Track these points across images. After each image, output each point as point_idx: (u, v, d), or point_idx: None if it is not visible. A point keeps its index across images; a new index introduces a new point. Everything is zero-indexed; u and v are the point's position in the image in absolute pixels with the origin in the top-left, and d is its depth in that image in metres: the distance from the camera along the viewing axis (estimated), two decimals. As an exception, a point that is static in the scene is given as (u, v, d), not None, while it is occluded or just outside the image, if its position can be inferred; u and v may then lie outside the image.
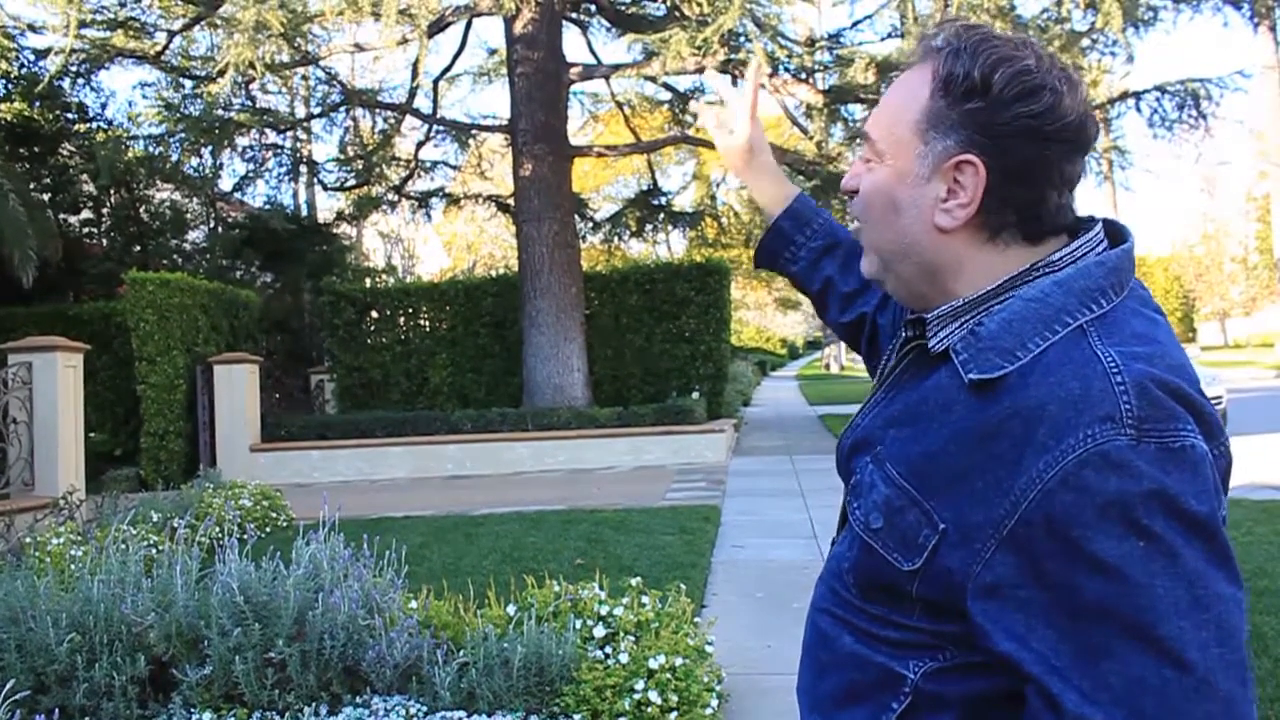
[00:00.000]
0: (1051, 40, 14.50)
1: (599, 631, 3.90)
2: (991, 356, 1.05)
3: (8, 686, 3.13)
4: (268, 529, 8.69)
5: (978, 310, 1.11)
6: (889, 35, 18.65)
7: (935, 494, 1.05)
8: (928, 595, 1.07)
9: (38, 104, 18.65)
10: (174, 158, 17.47)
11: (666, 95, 20.82)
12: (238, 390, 14.44)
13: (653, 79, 18.38)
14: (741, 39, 14.88)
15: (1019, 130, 1.07)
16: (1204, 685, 0.91)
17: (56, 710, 3.25)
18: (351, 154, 20.46)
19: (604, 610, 4.03)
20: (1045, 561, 0.96)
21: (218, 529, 6.23)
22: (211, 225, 22.27)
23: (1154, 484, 0.93)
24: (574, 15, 18.11)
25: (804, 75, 16.52)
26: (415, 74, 17.87)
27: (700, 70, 16.10)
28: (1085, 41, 15.39)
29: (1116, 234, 1.15)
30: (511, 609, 4.02)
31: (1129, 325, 1.05)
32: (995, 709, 1.04)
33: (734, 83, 1.87)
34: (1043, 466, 0.96)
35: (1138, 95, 16.49)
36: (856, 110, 18.12)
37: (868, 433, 1.20)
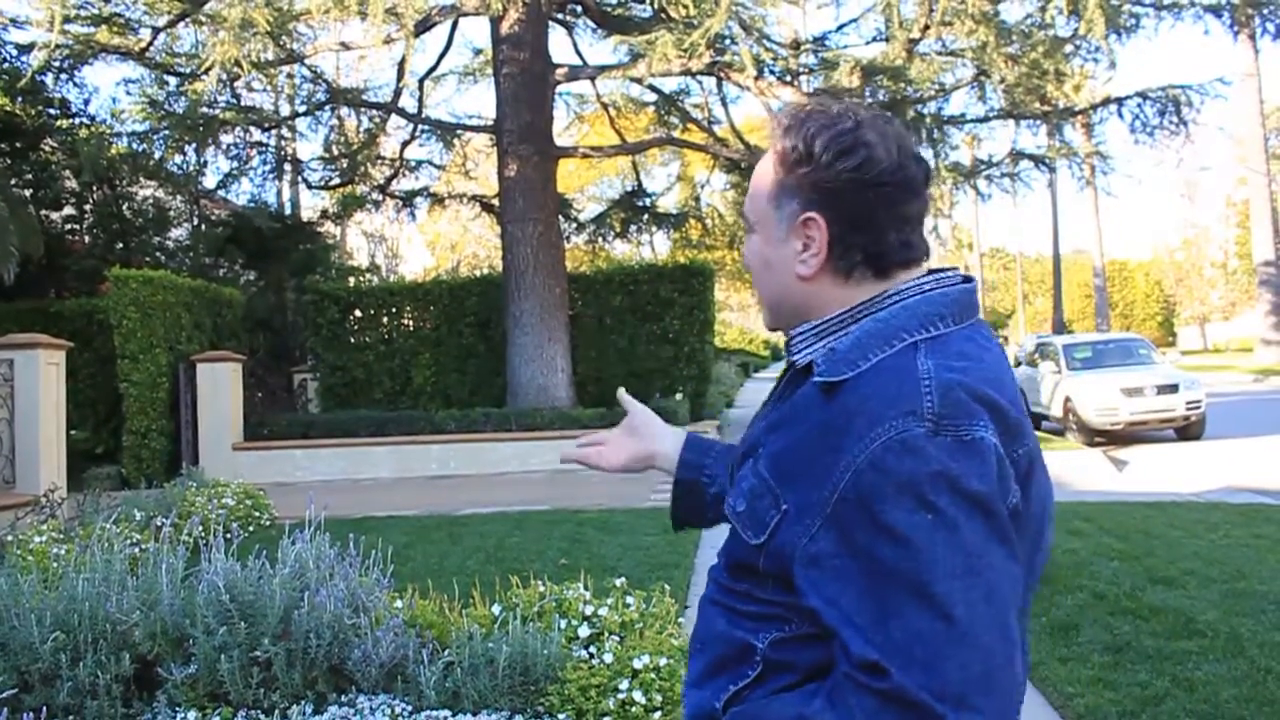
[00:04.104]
0: (1035, 46, 14.60)
1: (583, 631, 3.92)
2: (840, 366, 1.25)
3: (-5, 684, 3.13)
4: (251, 528, 8.66)
5: (836, 331, 1.32)
6: (874, 39, 18.70)
7: (786, 481, 1.26)
8: (770, 569, 1.28)
9: (20, 99, 18.50)
10: (157, 155, 17.39)
11: (652, 97, 20.84)
12: (221, 389, 14.40)
13: (638, 80, 18.40)
14: (727, 41, 14.93)
15: (844, 184, 1.29)
16: (966, 637, 1.11)
17: (43, 709, 3.25)
18: (336, 153, 20.40)
19: (588, 610, 4.05)
20: (854, 532, 1.17)
21: (201, 528, 6.22)
22: (195, 223, 22.17)
23: (940, 466, 1.14)
24: (560, 16, 18.11)
25: (789, 78, 16.57)
26: (401, 73, 17.87)
27: (686, 72, 16.16)
28: (1069, 48, 15.49)
29: (966, 281, 1.35)
30: (496, 609, 4.03)
31: (957, 346, 1.25)
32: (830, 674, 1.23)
33: (719, 85, 2.14)
34: (856, 451, 1.17)
35: (1120, 101, 16.61)
36: (841, 113, 18.16)
37: (754, 439, 1.39)
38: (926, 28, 15.06)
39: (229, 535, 4.05)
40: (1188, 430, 15.90)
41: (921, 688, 1.10)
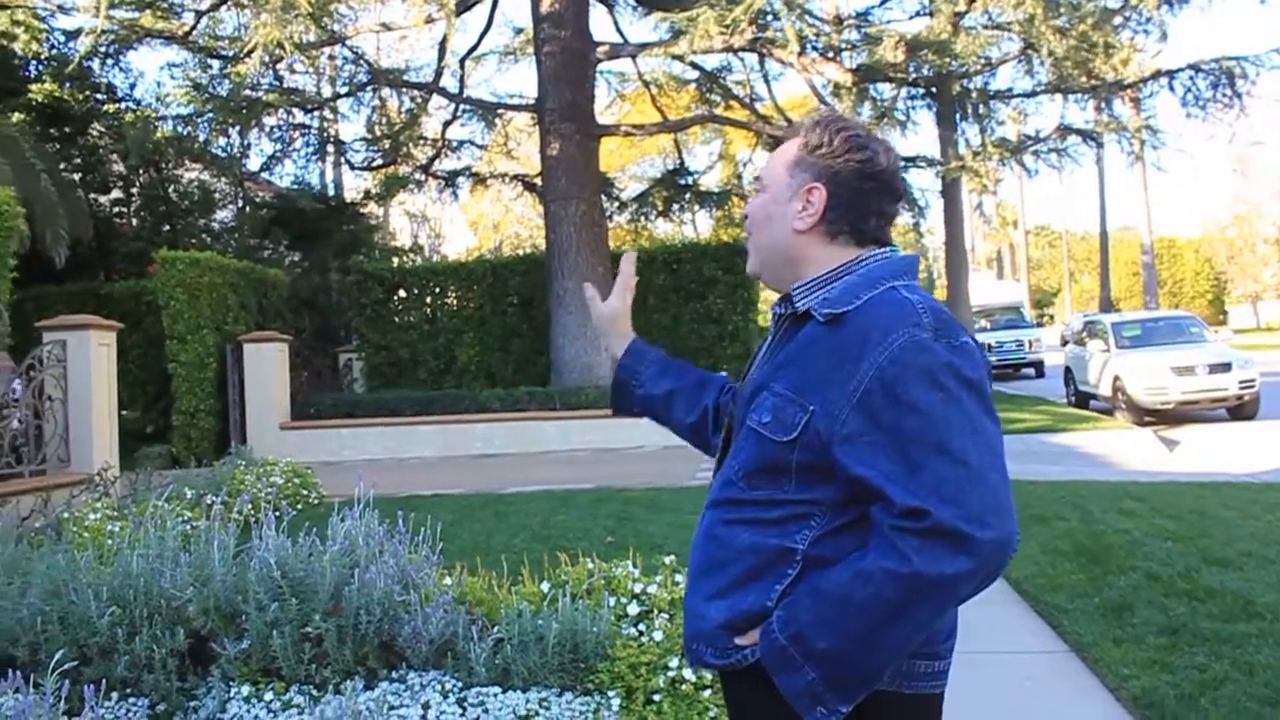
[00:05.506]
0: (1084, 18, 14.33)
1: (633, 609, 3.90)
2: (839, 304, 1.66)
3: (56, 657, 3.16)
4: (299, 506, 8.74)
5: (826, 284, 1.73)
6: (918, 13, 18.49)
7: (806, 392, 1.63)
8: (803, 459, 1.63)
9: (68, 85, 18.73)
10: (202, 138, 17.56)
11: (694, 74, 20.72)
12: (267, 368, 14.54)
13: (680, 58, 18.29)
14: (769, 17, 14.79)
15: (848, 170, 1.75)
16: (979, 476, 1.52)
17: (102, 681, 3.29)
18: (378, 133, 20.47)
19: (638, 588, 4.03)
20: (881, 413, 1.55)
21: (251, 506, 6.28)
22: (240, 205, 22.34)
23: (946, 359, 1.56)
24: (601, -7, 18.03)
25: (831, 54, 16.39)
26: (442, 53, 17.87)
27: (728, 49, 16.04)
28: (1118, 19, 15.20)
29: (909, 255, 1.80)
30: (545, 586, 4.03)
31: (921, 291, 1.69)
32: None
33: (761, 62, 2.68)
34: (877, 354, 1.57)
35: (1171, 74, 16.31)
36: (885, 89, 17.98)
37: (763, 378, 1.74)
38: (972, 1, 14.83)
39: (279, 513, 4.07)
40: (1241, 410, 15.64)
41: (954, 517, 1.48)
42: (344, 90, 20.02)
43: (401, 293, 17.99)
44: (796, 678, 1.58)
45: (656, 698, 3.47)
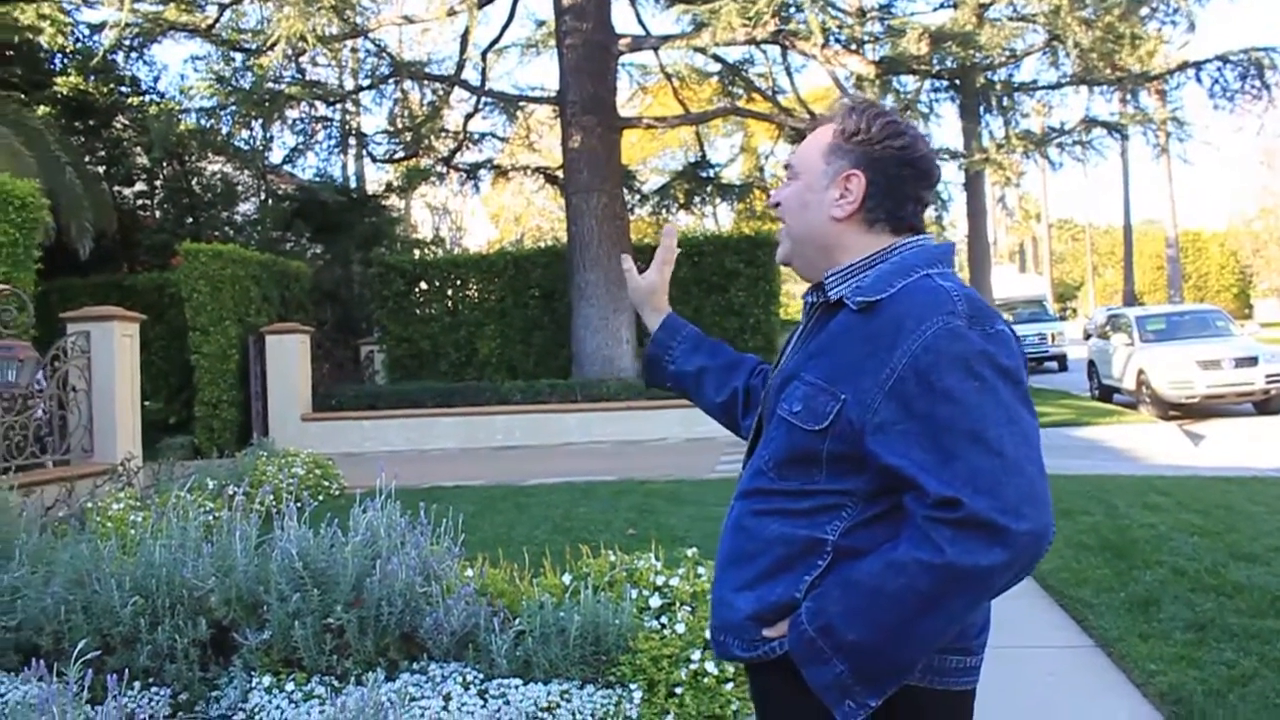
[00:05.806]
0: (1110, 9, 14.19)
1: (655, 602, 3.88)
2: (872, 292, 1.63)
3: (79, 646, 3.17)
4: (321, 497, 8.77)
5: (859, 272, 1.70)
6: (941, 5, 18.35)
7: (838, 381, 1.61)
8: (835, 449, 1.60)
9: (92, 78, 18.86)
10: (225, 130, 17.64)
11: (716, 66, 20.64)
12: (289, 360, 14.58)
13: (702, 50, 18.23)
14: (792, 9, 14.71)
15: (887, 157, 1.72)
16: (1014, 467, 1.48)
17: (124, 670, 3.30)
18: (400, 126, 20.49)
19: (660, 580, 4.01)
20: (914, 402, 1.52)
21: (273, 497, 6.30)
22: (262, 197, 22.40)
23: (981, 347, 1.53)
24: (623, -15, 17.97)
25: (854, 46, 16.30)
26: (464, 46, 17.85)
27: (751, 41, 15.98)
28: (1145, 10, 15.05)
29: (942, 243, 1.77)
30: (567, 578, 4.01)
31: (955, 279, 1.66)
32: None
33: (783, 54, 2.59)
34: (911, 341, 1.53)
35: (1198, 65, 16.12)
36: (908, 81, 17.86)
37: (794, 367, 1.72)
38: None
39: (300, 504, 4.07)
40: (1267, 404, 15.49)
41: (989, 508, 1.45)
42: (366, 83, 20.04)
43: (423, 285, 18.01)
44: (825, 670, 1.55)
45: (679, 690, 3.46)
